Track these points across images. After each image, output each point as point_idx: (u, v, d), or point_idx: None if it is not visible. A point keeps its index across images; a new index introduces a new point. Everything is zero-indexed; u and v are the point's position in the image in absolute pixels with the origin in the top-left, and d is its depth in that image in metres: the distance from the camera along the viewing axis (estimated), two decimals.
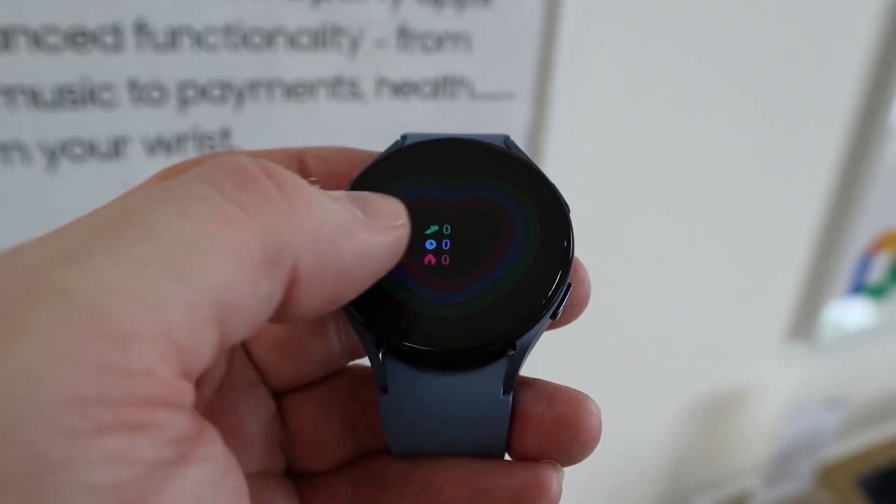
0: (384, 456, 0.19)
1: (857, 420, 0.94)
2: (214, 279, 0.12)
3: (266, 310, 0.13)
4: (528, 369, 0.18)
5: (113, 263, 0.11)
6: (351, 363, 0.20)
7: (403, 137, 0.20)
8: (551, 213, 0.18)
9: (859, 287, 0.80)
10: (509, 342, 0.17)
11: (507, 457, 0.18)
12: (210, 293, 0.12)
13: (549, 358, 0.62)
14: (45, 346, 0.10)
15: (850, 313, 0.81)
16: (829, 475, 0.85)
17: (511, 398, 0.17)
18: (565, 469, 0.17)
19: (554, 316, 0.17)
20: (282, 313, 0.14)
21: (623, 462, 0.76)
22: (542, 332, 0.18)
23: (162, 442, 0.11)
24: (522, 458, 0.17)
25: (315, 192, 0.14)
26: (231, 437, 0.18)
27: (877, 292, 0.83)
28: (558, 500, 0.17)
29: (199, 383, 0.17)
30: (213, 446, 0.13)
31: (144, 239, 0.12)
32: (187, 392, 0.12)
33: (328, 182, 0.19)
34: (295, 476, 0.20)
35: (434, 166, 0.19)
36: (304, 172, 0.20)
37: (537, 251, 0.17)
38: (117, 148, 0.38)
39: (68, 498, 0.10)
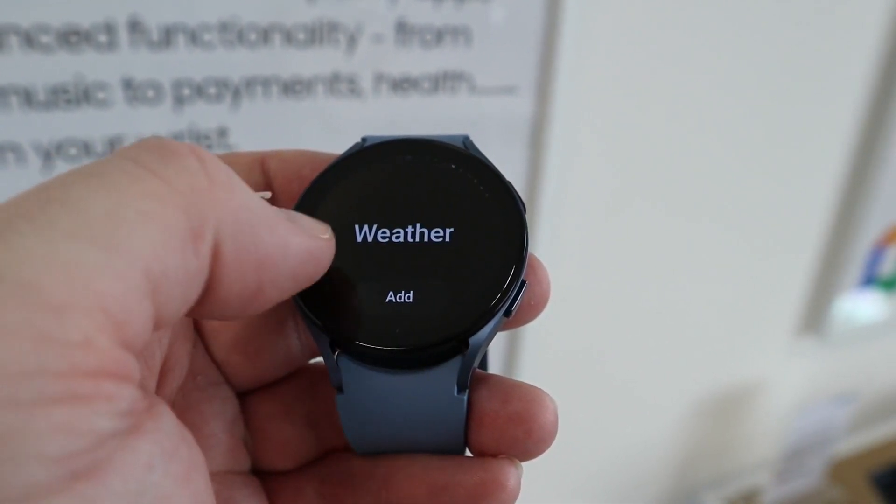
0: (348, 454, 0.19)
1: (869, 415, 0.93)
2: (141, 248, 0.12)
3: (196, 286, 0.13)
4: (534, 365, 0.18)
5: (38, 238, 0.11)
6: (311, 361, 0.21)
7: (363, 139, 0.20)
8: (507, 211, 0.18)
9: (870, 279, 0.79)
10: (461, 341, 0.17)
11: (468, 453, 0.18)
12: (138, 262, 0.12)
13: (555, 354, 0.62)
14: None
15: (861, 306, 0.80)
16: (840, 470, 0.84)
17: (466, 397, 0.17)
18: (575, 467, 0.17)
19: (508, 314, 0.18)
20: (209, 298, 0.14)
21: (632, 458, 0.76)
22: (497, 331, 0.18)
23: (110, 413, 0.11)
24: (481, 454, 0.18)
25: (237, 177, 0.15)
26: (194, 435, 0.19)
27: (888, 285, 0.82)
28: (516, 496, 0.17)
29: (161, 378, 0.18)
30: (165, 419, 0.13)
31: (67, 213, 0.12)
32: (130, 364, 0.12)
33: (289, 184, 0.20)
34: (262, 475, 0.20)
35: (392, 167, 0.19)
36: (266, 175, 0.20)
37: (492, 250, 0.18)
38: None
39: (20, 467, 0.10)
